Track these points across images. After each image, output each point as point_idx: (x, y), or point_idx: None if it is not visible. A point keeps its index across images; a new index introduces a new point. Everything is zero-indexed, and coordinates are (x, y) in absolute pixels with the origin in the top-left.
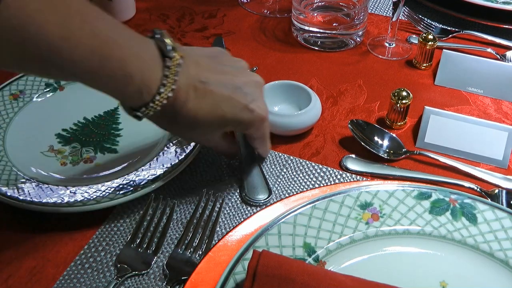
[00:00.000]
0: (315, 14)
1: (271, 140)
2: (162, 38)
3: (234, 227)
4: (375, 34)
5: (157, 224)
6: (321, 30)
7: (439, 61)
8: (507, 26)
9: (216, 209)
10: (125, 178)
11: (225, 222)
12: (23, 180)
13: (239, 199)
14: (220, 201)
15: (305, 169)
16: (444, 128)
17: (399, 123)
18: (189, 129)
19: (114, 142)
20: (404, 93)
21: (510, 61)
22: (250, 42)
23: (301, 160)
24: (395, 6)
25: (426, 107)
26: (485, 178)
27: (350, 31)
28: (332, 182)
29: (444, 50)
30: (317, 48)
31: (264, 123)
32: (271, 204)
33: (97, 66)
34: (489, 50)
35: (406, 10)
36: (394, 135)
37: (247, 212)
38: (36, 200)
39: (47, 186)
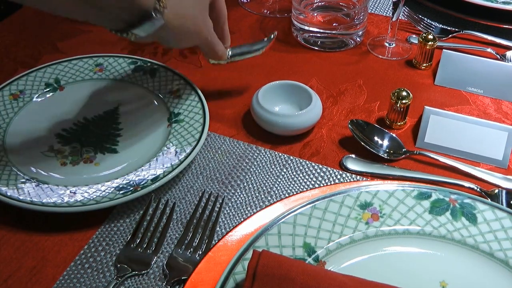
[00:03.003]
0: (315, 14)
1: (272, 140)
2: None
3: (234, 227)
4: (375, 34)
5: (157, 224)
6: (321, 30)
7: (439, 61)
8: (507, 26)
9: (216, 209)
10: (125, 178)
11: (225, 222)
12: (23, 180)
13: (239, 199)
14: (220, 201)
15: (305, 169)
16: (444, 128)
17: (399, 123)
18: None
19: (114, 142)
20: (404, 93)
21: (510, 61)
22: (250, 42)
23: (301, 160)
24: (395, 6)
25: (426, 107)
26: (485, 178)
27: (350, 31)
28: (332, 182)
29: (444, 50)
30: (317, 48)
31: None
32: (271, 204)
33: None
34: (489, 50)
35: (406, 10)
36: (394, 135)
37: (247, 212)
38: (36, 200)
39: (47, 186)
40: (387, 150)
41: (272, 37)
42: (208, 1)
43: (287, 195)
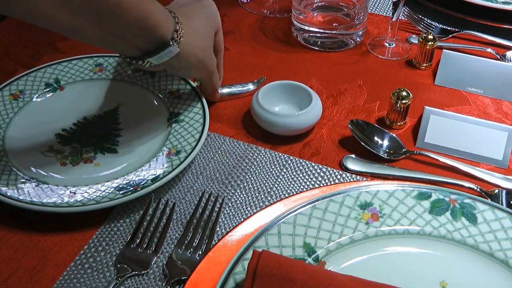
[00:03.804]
0: (315, 14)
1: (272, 140)
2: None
3: (234, 227)
4: (375, 34)
5: (157, 224)
6: (321, 30)
7: (439, 61)
8: (507, 26)
9: (216, 209)
10: (125, 178)
11: (225, 222)
12: (23, 180)
13: (239, 199)
14: (220, 201)
15: (305, 169)
16: (444, 128)
17: (399, 123)
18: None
19: (114, 142)
20: (404, 93)
21: (510, 61)
22: (250, 42)
23: (301, 160)
24: (395, 6)
25: (426, 107)
26: (485, 178)
27: (350, 31)
28: (332, 182)
29: (444, 50)
30: (317, 48)
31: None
32: (271, 204)
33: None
34: (489, 50)
35: (406, 10)
36: (394, 135)
37: (247, 212)
38: (36, 200)
39: (47, 186)
40: (387, 150)
41: (261, 80)
42: (213, 35)
43: (287, 195)
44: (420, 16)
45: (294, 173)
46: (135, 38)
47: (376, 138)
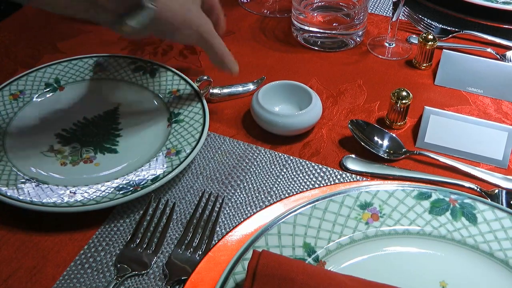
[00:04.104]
0: (315, 14)
1: (271, 140)
2: None
3: (234, 227)
4: (375, 34)
5: (157, 224)
6: (321, 30)
7: (439, 61)
8: (507, 26)
9: (216, 209)
10: (125, 178)
11: (225, 222)
12: (23, 180)
13: (239, 199)
14: (220, 201)
15: (305, 169)
16: (444, 128)
17: (399, 123)
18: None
19: (114, 142)
20: (404, 93)
21: (510, 61)
22: (250, 42)
23: (301, 160)
24: (395, 6)
25: (426, 107)
26: (485, 178)
27: (350, 31)
28: (332, 182)
29: (444, 50)
30: (317, 48)
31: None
32: (271, 204)
33: None
34: (489, 50)
35: (406, 10)
36: (394, 135)
37: (247, 212)
38: (35, 200)
39: (47, 186)
40: (387, 150)
41: (261, 80)
42: None
43: (287, 195)
44: (420, 16)
45: (294, 173)
46: (109, 2)
47: (376, 138)
